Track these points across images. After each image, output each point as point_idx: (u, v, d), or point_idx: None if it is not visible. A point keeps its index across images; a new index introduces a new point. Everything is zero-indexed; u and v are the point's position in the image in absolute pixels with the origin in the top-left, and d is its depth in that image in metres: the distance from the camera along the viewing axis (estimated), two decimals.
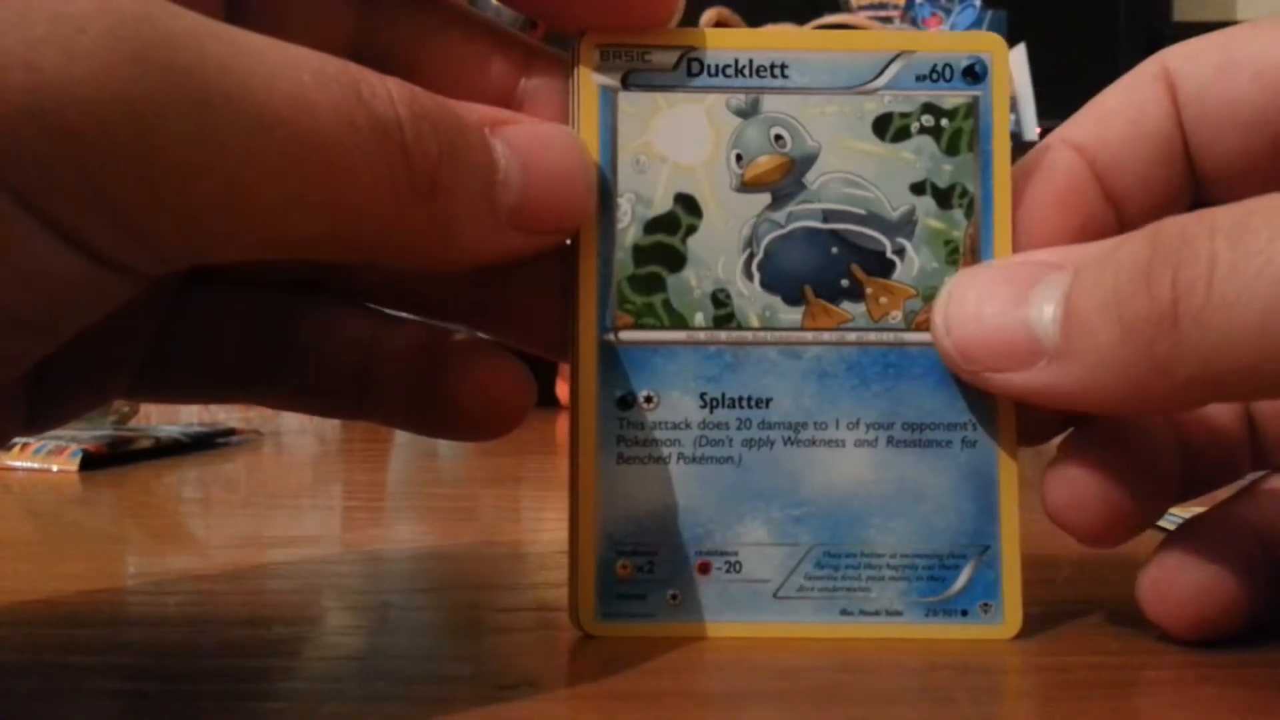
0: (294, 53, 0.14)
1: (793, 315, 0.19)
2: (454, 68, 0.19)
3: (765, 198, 0.19)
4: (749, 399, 0.19)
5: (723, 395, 0.19)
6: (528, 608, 0.22)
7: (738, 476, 0.19)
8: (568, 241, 0.19)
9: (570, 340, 0.19)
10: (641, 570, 0.19)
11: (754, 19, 0.97)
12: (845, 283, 0.19)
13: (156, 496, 0.39)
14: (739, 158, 0.19)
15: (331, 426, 0.62)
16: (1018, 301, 0.17)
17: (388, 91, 0.15)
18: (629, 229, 0.19)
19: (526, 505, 0.38)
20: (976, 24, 1.20)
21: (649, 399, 0.19)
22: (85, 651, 0.18)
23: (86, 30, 0.12)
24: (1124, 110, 0.20)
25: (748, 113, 0.19)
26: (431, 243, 0.16)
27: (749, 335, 0.19)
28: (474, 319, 0.21)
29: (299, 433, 0.60)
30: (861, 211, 0.19)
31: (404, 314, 0.21)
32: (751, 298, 0.19)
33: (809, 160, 0.19)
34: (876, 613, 0.19)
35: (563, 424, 0.62)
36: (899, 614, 0.19)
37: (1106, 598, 0.22)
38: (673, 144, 0.19)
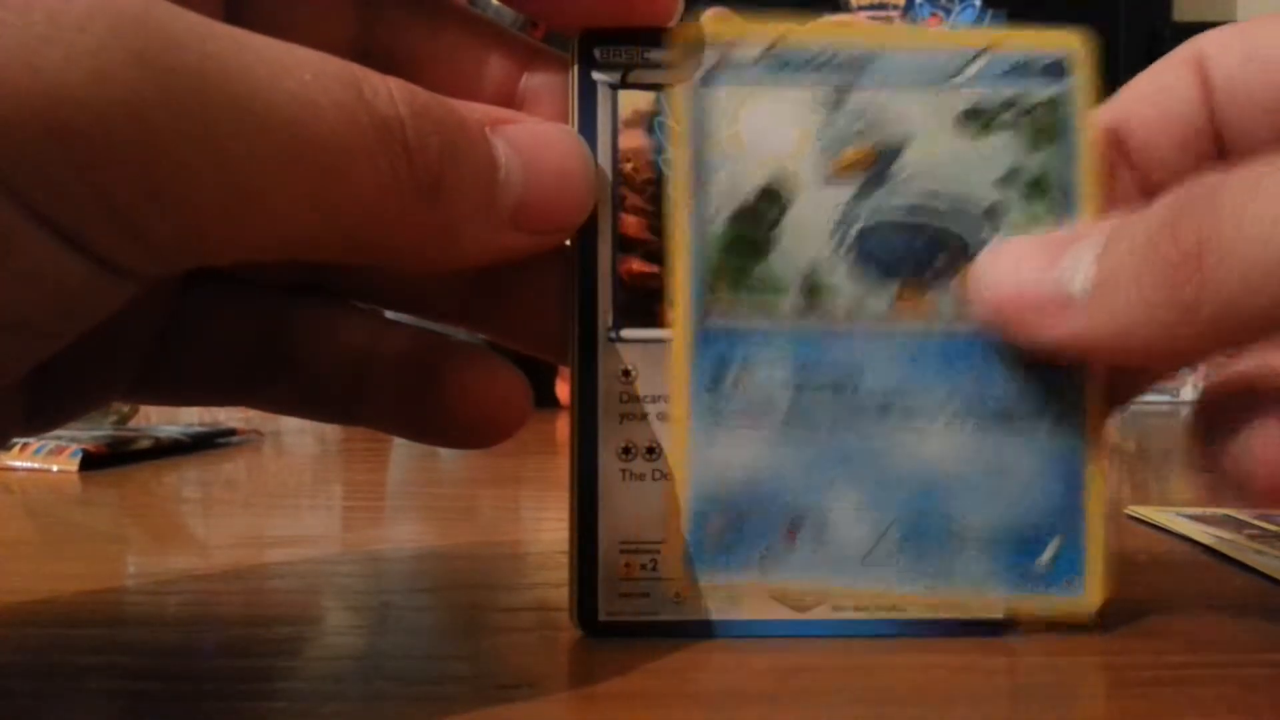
0: (295, 53, 0.14)
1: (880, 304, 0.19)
2: (455, 67, 0.19)
3: (852, 189, 0.19)
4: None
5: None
6: (528, 607, 0.22)
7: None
8: (567, 242, 0.19)
9: (570, 340, 0.19)
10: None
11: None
12: (930, 275, 0.19)
13: (157, 497, 0.39)
14: (824, 150, 0.19)
15: (331, 426, 0.62)
16: (1051, 261, 0.18)
17: (389, 91, 0.15)
18: (715, 221, 0.19)
19: (526, 505, 0.38)
20: (977, 24, 1.20)
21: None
22: (85, 651, 0.18)
23: (86, 30, 0.12)
24: (1155, 95, 0.20)
25: (833, 105, 0.19)
26: (433, 243, 0.16)
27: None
28: (474, 320, 0.21)
29: (299, 433, 0.60)
30: (945, 207, 0.19)
31: (401, 317, 0.21)
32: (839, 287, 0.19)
33: (894, 153, 0.19)
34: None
35: (563, 424, 0.62)
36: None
37: (1106, 597, 0.22)
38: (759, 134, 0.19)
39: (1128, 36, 1.40)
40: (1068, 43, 0.20)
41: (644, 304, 0.19)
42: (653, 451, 0.19)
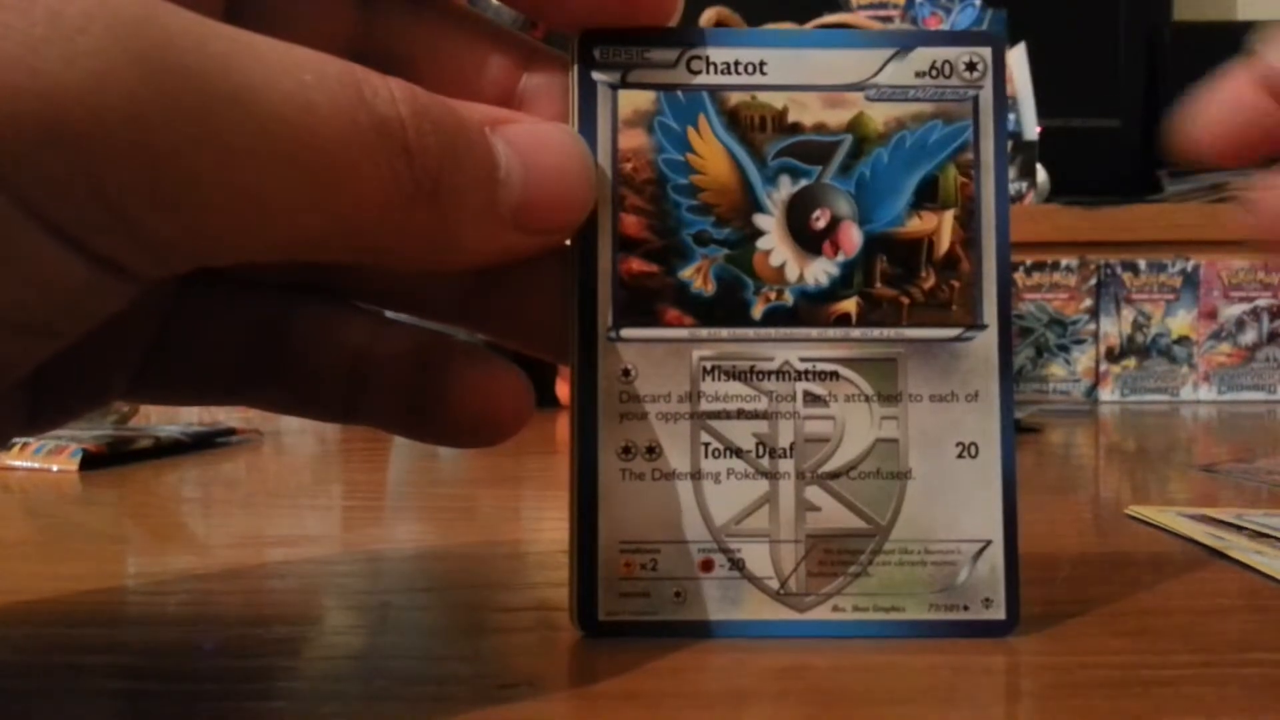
0: (295, 53, 0.14)
1: None
2: (454, 67, 0.19)
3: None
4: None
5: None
6: (528, 607, 0.22)
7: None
8: (568, 242, 0.19)
9: (570, 340, 0.19)
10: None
11: (753, 19, 0.97)
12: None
13: (156, 496, 0.39)
14: None
15: (332, 426, 0.62)
16: None
17: (389, 91, 0.15)
18: None
19: (526, 505, 0.38)
20: (976, 23, 1.20)
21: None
22: (85, 651, 0.18)
23: (87, 31, 0.12)
24: None
25: None
26: (433, 242, 0.16)
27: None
28: (473, 320, 0.21)
29: (299, 433, 0.60)
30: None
31: (401, 317, 0.21)
32: None
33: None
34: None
35: (563, 424, 0.62)
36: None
37: (1106, 598, 0.22)
38: None
39: (1128, 36, 1.40)
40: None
41: (644, 303, 0.19)
42: (653, 451, 0.19)
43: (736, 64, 0.19)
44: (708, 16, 0.96)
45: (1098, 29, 1.39)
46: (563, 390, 0.69)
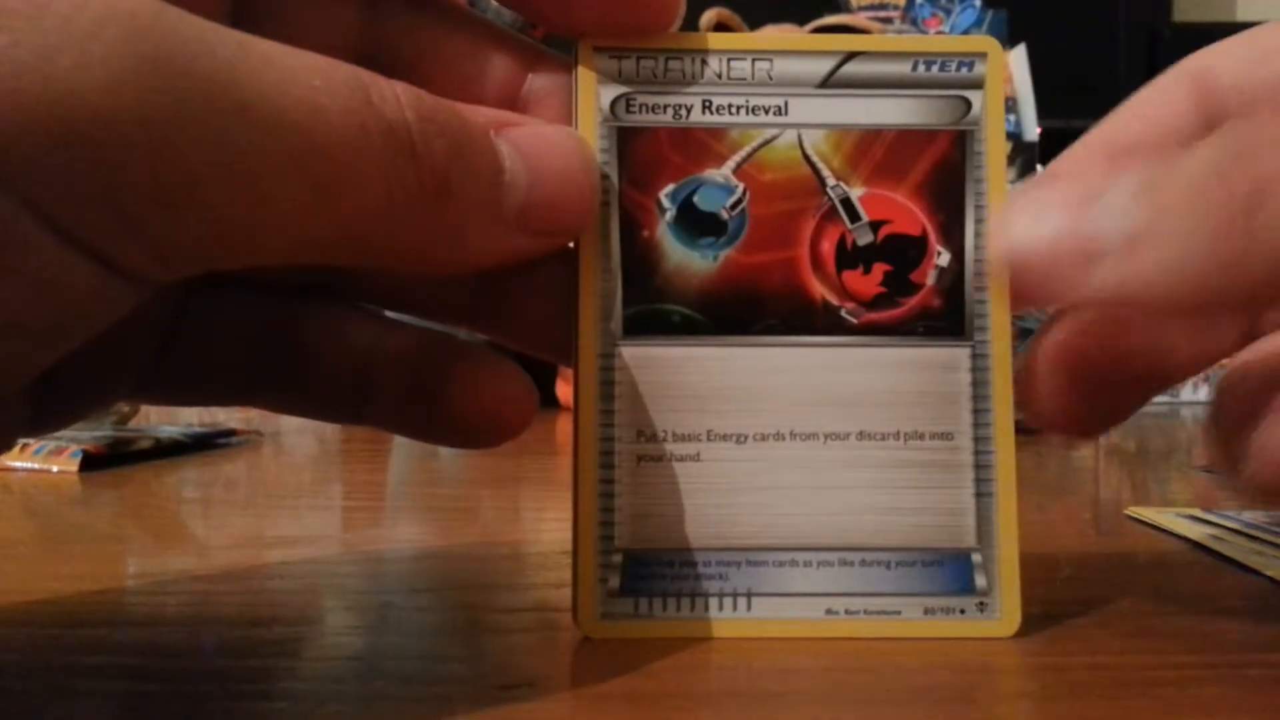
0: (304, 58, 0.14)
1: None
2: (458, 70, 0.19)
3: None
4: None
5: None
6: (528, 608, 0.22)
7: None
8: (571, 244, 0.19)
9: (571, 341, 0.19)
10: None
11: (754, 21, 0.97)
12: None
13: (157, 497, 0.39)
14: None
15: (332, 427, 0.62)
16: (1080, 208, 0.16)
17: (396, 95, 0.15)
18: None
19: (526, 506, 0.38)
20: (977, 24, 1.20)
21: None
22: (85, 651, 0.18)
23: (99, 38, 0.12)
24: (1153, 111, 0.20)
25: None
26: (440, 245, 0.16)
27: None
28: (477, 322, 0.21)
29: (299, 433, 0.60)
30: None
31: (406, 318, 0.21)
32: None
33: None
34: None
35: (563, 424, 0.62)
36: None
37: (1106, 599, 0.22)
38: None
39: (1128, 37, 1.40)
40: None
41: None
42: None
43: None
44: (708, 18, 0.96)
45: (1098, 30, 1.39)
46: (563, 391, 0.69)
